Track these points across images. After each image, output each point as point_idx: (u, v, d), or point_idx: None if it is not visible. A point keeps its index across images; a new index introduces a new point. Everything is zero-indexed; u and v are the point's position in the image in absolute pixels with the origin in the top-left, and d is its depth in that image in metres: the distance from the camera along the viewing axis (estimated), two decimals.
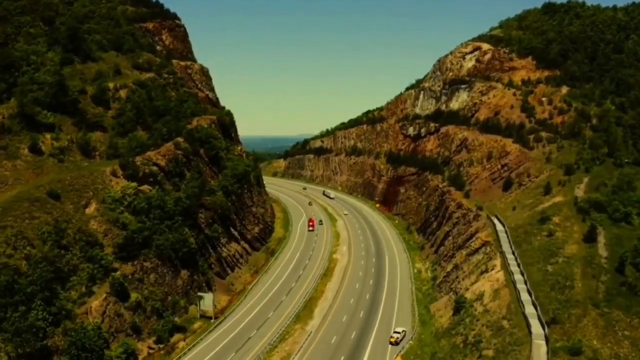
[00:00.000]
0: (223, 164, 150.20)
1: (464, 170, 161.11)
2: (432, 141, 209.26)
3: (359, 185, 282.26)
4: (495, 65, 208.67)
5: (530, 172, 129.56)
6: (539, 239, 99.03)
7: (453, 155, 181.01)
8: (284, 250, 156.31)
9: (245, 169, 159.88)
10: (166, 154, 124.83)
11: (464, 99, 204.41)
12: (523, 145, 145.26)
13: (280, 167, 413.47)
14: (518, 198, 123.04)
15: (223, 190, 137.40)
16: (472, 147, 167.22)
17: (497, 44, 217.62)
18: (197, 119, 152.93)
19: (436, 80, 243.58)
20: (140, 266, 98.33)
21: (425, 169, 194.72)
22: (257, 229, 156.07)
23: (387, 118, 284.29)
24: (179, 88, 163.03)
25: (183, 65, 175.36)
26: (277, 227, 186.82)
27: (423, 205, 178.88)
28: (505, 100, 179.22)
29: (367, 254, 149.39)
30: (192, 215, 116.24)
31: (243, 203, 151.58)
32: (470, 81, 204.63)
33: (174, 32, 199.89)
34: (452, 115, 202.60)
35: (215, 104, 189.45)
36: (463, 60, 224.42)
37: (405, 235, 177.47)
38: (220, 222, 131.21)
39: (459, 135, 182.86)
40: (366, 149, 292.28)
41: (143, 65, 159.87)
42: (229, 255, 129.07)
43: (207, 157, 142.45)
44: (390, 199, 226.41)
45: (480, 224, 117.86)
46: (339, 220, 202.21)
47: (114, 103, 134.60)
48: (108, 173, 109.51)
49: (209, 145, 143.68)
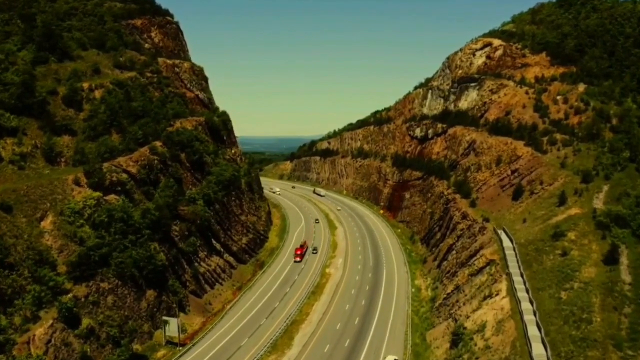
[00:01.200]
0: (208, 170, 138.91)
1: (471, 176, 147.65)
2: (439, 143, 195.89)
3: (365, 189, 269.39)
4: (506, 62, 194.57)
5: (543, 179, 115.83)
6: (551, 258, 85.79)
7: (460, 158, 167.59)
8: (275, 263, 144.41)
9: (234, 175, 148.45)
10: (139, 159, 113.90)
11: (473, 98, 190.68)
12: (535, 148, 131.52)
13: (287, 169, 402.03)
14: (529, 208, 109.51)
15: (205, 198, 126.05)
16: (481, 150, 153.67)
17: (509, 39, 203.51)
18: (181, 121, 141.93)
19: (445, 78, 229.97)
20: (96, 287, 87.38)
21: (431, 173, 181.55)
22: (245, 240, 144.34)
23: (394, 119, 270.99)
24: (163, 88, 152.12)
25: (170, 63, 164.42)
26: (272, 236, 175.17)
27: (427, 213, 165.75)
28: (516, 99, 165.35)
29: (363, 268, 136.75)
30: (162, 227, 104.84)
31: (229, 212, 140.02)
32: (480, 79, 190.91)
33: (165, 29, 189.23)
34: (461, 115, 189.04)
35: (207, 104, 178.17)
36: (473, 57, 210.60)
37: (408, 245, 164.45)
38: (200, 234, 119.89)
39: (466, 137, 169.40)
40: (372, 151, 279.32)
41: (125, 64, 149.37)
42: (208, 271, 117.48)
43: (188, 163, 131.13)
44: (395, 205, 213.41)
45: (486, 239, 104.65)
46: (339, 228, 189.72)
47: (87, 104, 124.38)
48: (70, 182, 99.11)
49: (191, 149, 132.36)
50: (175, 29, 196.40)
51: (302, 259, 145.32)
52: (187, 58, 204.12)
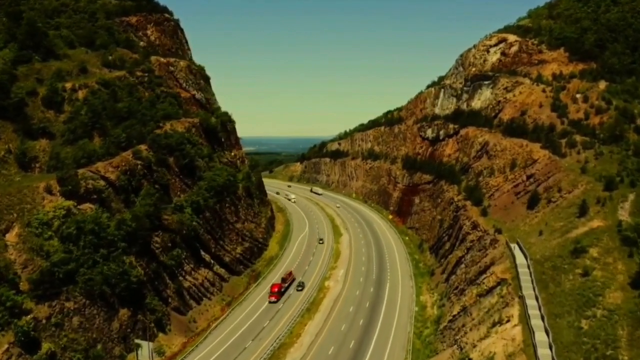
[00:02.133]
0: (199, 175, 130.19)
1: (483, 181, 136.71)
2: (451, 145, 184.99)
3: (374, 192, 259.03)
4: (522, 59, 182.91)
5: (561, 186, 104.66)
6: (571, 278, 75.09)
7: (472, 161, 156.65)
8: (272, 274, 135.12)
9: (229, 179, 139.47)
10: (120, 165, 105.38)
11: (487, 97, 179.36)
12: (553, 151, 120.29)
13: (297, 170, 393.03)
14: (546, 219, 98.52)
15: (193, 206, 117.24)
16: (494, 152, 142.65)
17: (524, 34, 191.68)
18: (172, 123, 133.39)
19: (458, 76, 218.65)
20: (60, 307, 78.91)
21: (441, 177, 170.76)
22: (240, 249, 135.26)
23: (406, 119, 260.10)
24: (154, 87, 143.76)
25: (164, 62, 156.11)
26: (272, 244, 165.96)
27: (437, 220, 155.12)
28: (533, 97, 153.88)
29: (365, 281, 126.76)
30: (140, 239, 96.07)
31: (222, 219, 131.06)
32: (494, 77, 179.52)
33: (162, 27, 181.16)
34: (473, 115, 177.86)
35: (204, 105, 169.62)
36: (487, 53, 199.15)
37: (416, 255, 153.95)
38: (186, 245, 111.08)
39: (479, 138, 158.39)
40: (383, 153, 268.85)
41: (114, 63, 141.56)
42: (194, 285, 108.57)
43: (177, 167, 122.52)
44: (405, 210, 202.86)
45: (497, 253, 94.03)
46: (344, 235, 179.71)
47: (69, 106, 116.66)
48: (41, 190, 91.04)
49: (180, 153, 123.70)
50: (174, 27, 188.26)
51: (279, 298, 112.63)
52: (187, 57, 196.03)
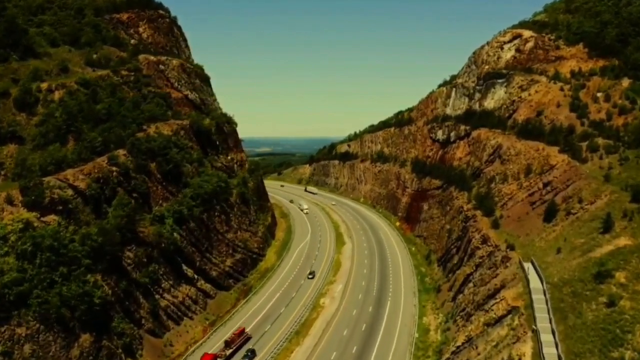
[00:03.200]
0: (186, 181, 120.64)
1: (495, 188, 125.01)
2: (462, 147, 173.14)
3: (383, 197, 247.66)
4: (538, 55, 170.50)
5: (582, 196, 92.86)
6: (594, 308, 63.64)
7: (484, 166, 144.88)
8: (264, 288, 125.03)
9: (220, 186, 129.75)
10: (92, 172, 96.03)
11: (500, 96, 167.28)
12: (573, 156, 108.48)
13: (306, 173, 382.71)
14: (565, 234, 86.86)
15: (175, 216, 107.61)
16: (507, 156, 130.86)
17: (541, 30, 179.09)
18: (158, 125, 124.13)
19: (471, 75, 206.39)
20: (10, 334, 69.51)
21: (451, 182, 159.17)
22: (230, 262, 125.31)
23: (416, 120, 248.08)
24: (141, 87, 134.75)
25: (154, 60, 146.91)
26: (270, 253, 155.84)
27: (445, 230, 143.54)
28: (550, 96, 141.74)
29: (364, 298, 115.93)
30: (108, 255, 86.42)
31: (210, 229, 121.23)
32: (508, 74, 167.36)
33: (156, 24, 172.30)
34: (486, 115, 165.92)
35: (198, 105, 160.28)
36: (501, 50, 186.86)
37: (422, 267, 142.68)
38: (165, 260, 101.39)
39: (491, 141, 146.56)
40: (392, 155, 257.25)
41: (98, 61, 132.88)
42: (172, 304, 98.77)
43: (159, 174, 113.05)
44: (413, 217, 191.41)
45: (509, 274, 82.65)
46: (348, 244, 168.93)
47: (43, 108, 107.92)
48: (1, 200, 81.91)
49: (163, 158, 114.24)
50: (169, 24, 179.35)
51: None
52: (184, 55, 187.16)
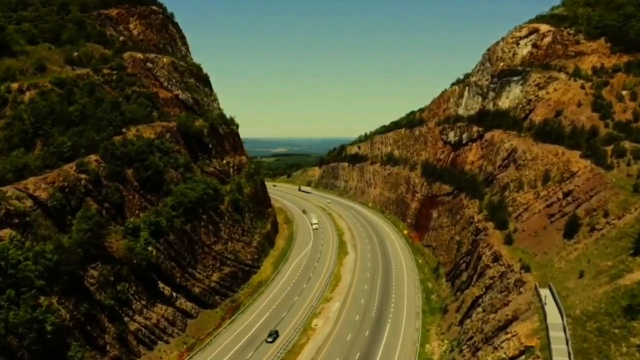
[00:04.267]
0: (168, 189, 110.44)
1: (510, 196, 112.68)
2: (475, 150, 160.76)
3: (392, 201, 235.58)
4: (557, 51, 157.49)
5: (608, 209, 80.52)
6: (624, 352, 51.84)
7: (497, 171, 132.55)
8: (254, 305, 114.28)
9: (207, 193, 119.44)
10: (56, 180, 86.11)
11: (516, 95, 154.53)
12: (596, 161, 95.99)
13: (315, 175, 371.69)
14: (588, 254, 74.66)
15: (151, 228, 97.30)
16: (523, 161, 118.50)
17: (559, 24, 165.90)
18: (139, 127, 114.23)
19: (484, 73, 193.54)
20: None
21: (462, 188, 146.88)
22: (217, 276, 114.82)
23: (427, 120, 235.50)
24: (124, 87, 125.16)
25: (140, 58, 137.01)
26: (266, 264, 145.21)
27: (455, 242, 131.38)
28: (570, 95, 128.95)
29: (362, 320, 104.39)
30: (66, 275, 76.28)
31: (194, 242, 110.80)
32: (524, 72, 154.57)
33: (148, 20, 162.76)
34: (500, 116, 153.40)
35: (191, 106, 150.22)
36: (516, 46, 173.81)
37: (429, 282, 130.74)
38: (137, 277, 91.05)
39: (506, 143, 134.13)
40: (402, 158, 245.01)
41: (79, 60, 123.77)
42: (145, 327, 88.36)
43: (137, 181, 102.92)
44: (422, 224, 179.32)
45: (523, 302, 70.75)
46: (350, 254, 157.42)
47: (10, 110, 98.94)
48: None
49: (141, 164, 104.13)
50: (162, 20, 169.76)
51: None
52: (179, 53, 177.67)
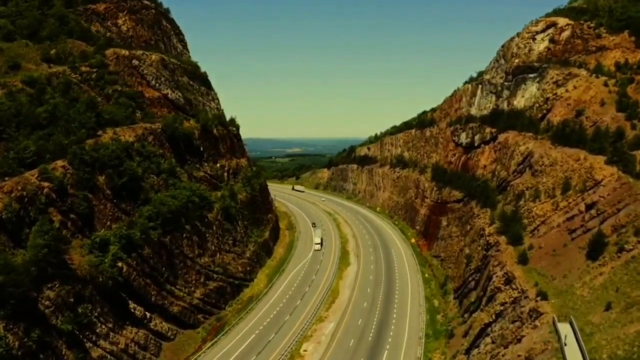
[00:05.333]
0: (146, 197, 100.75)
1: (525, 207, 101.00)
2: (487, 153, 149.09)
3: (401, 206, 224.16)
4: (576, 46, 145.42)
5: (639, 225, 68.93)
6: None
7: (512, 177, 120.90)
8: (241, 325, 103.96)
9: (192, 201, 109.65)
10: (14, 189, 76.74)
11: (532, 93, 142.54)
12: (624, 168, 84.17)
13: (324, 177, 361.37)
14: (617, 280, 63.15)
15: (123, 241, 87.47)
16: (540, 167, 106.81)
17: (578, 17, 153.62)
18: (117, 130, 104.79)
19: (499, 70, 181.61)
20: None
21: (473, 195, 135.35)
22: (200, 292, 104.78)
23: (439, 121, 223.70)
24: (104, 86, 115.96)
25: (125, 55, 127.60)
26: (261, 276, 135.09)
27: (464, 255, 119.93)
28: (591, 93, 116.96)
29: (357, 346, 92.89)
30: (13, 298, 66.66)
31: (174, 255, 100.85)
32: (541, 68, 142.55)
33: (138, 15, 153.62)
34: (515, 116, 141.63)
35: (182, 106, 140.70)
36: (532, 41, 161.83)
37: (436, 299, 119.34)
38: (102, 298, 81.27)
39: (521, 147, 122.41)
40: (412, 160, 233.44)
41: (57, 57, 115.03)
42: (111, 353, 78.34)
43: (109, 189, 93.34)
44: (431, 232, 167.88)
45: (538, 341, 59.43)
46: (352, 265, 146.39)
47: None
48: None
49: (115, 170, 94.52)
50: (154, 15, 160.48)
51: None
52: (174, 51, 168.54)
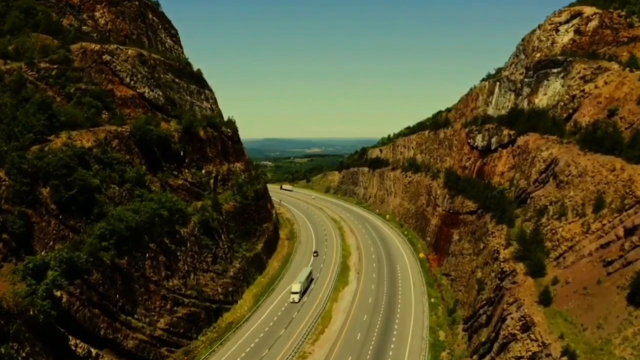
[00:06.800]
0: (101, 211, 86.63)
1: (548, 226, 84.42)
2: (505, 159, 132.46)
3: (412, 214, 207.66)
4: (605, 37, 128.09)
5: None
6: None
7: (533, 188, 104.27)
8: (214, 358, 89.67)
9: (159, 215, 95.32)
10: None
11: (556, 90, 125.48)
12: None
13: (335, 180, 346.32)
14: None
15: (63, 266, 73.41)
16: (566, 177, 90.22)
17: (606, 4, 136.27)
18: (72, 134, 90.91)
19: (519, 66, 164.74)
20: None
21: (488, 207, 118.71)
22: (165, 322, 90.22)
23: (453, 121, 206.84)
24: (66, 84, 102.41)
25: (94, 49, 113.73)
26: (247, 296, 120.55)
27: (475, 279, 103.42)
28: (625, 89, 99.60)
29: None
30: None
31: (134, 279, 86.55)
32: (565, 62, 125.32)
33: (119, 8, 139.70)
34: (536, 116, 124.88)
35: (161, 106, 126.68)
36: (555, 33, 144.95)
37: (442, 331, 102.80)
38: (33, 334, 67.05)
39: (543, 152, 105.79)
40: (425, 164, 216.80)
41: (17, 52, 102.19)
42: None
43: (54, 203, 79.37)
44: (442, 246, 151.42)
45: None
46: (351, 284, 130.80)
47: None
48: None
49: (62, 181, 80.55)
50: (138, 8, 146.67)
51: None
52: (161, 46, 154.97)
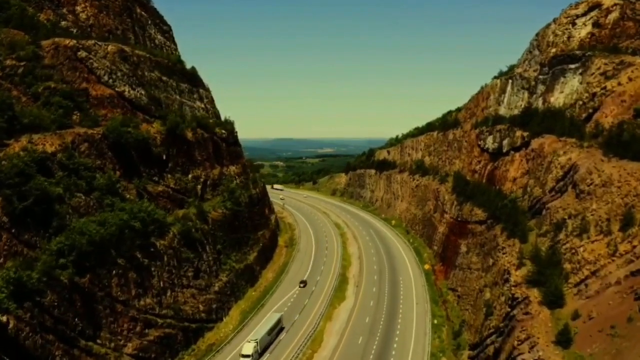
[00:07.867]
0: (62, 224, 77.35)
1: (567, 244, 73.65)
2: (517, 163, 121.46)
3: (419, 220, 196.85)
4: (627, 29, 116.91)
5: None
6: None
7: (548, 197, 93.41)
8: None
9: (129, 227, 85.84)
10: None
11: (574, 88, 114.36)
12: None
13: (341, 183, 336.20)
14: None
15: (12, 287, 64.09)
16: (588, 186, 79.43)
17: None
18: (34, 137, 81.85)
19: (532, 62, 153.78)
20: None
21: (498, 217, 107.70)
22: (134, 345, 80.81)
23: (463, 122, 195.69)
24: (33, 83, 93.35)
25: (69, 45, 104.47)
26: (234, 312, 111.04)
27: (484, 302, 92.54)
28: None
29: None
30: None
31: (97, 300, 77.11)
32: (584, 57, 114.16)
33: (103, 2, 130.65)
34: (552, 116, 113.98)
35: (144, 106, 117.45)
36: (572, 27, 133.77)
37: (445, 358, 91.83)
38: None
39: (561, 157, 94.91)
40: (433, 167, 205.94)
41: None
42: None
43: (6, 215, 70.15)
44: (449, 257, 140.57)
45: None
46: (349, 299, 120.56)
47: None
48: None
49: (15, 190, 71.36)
50: (123, 2, 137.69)
51: None
52: (150, 43, 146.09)
